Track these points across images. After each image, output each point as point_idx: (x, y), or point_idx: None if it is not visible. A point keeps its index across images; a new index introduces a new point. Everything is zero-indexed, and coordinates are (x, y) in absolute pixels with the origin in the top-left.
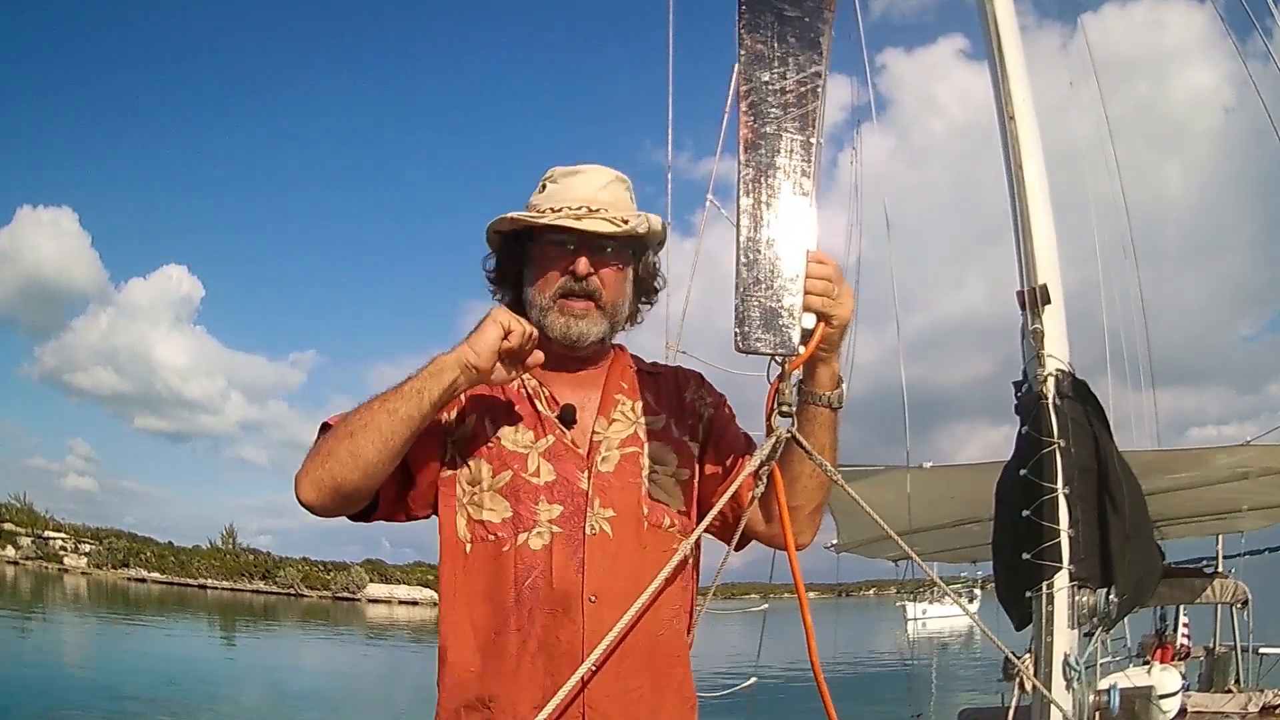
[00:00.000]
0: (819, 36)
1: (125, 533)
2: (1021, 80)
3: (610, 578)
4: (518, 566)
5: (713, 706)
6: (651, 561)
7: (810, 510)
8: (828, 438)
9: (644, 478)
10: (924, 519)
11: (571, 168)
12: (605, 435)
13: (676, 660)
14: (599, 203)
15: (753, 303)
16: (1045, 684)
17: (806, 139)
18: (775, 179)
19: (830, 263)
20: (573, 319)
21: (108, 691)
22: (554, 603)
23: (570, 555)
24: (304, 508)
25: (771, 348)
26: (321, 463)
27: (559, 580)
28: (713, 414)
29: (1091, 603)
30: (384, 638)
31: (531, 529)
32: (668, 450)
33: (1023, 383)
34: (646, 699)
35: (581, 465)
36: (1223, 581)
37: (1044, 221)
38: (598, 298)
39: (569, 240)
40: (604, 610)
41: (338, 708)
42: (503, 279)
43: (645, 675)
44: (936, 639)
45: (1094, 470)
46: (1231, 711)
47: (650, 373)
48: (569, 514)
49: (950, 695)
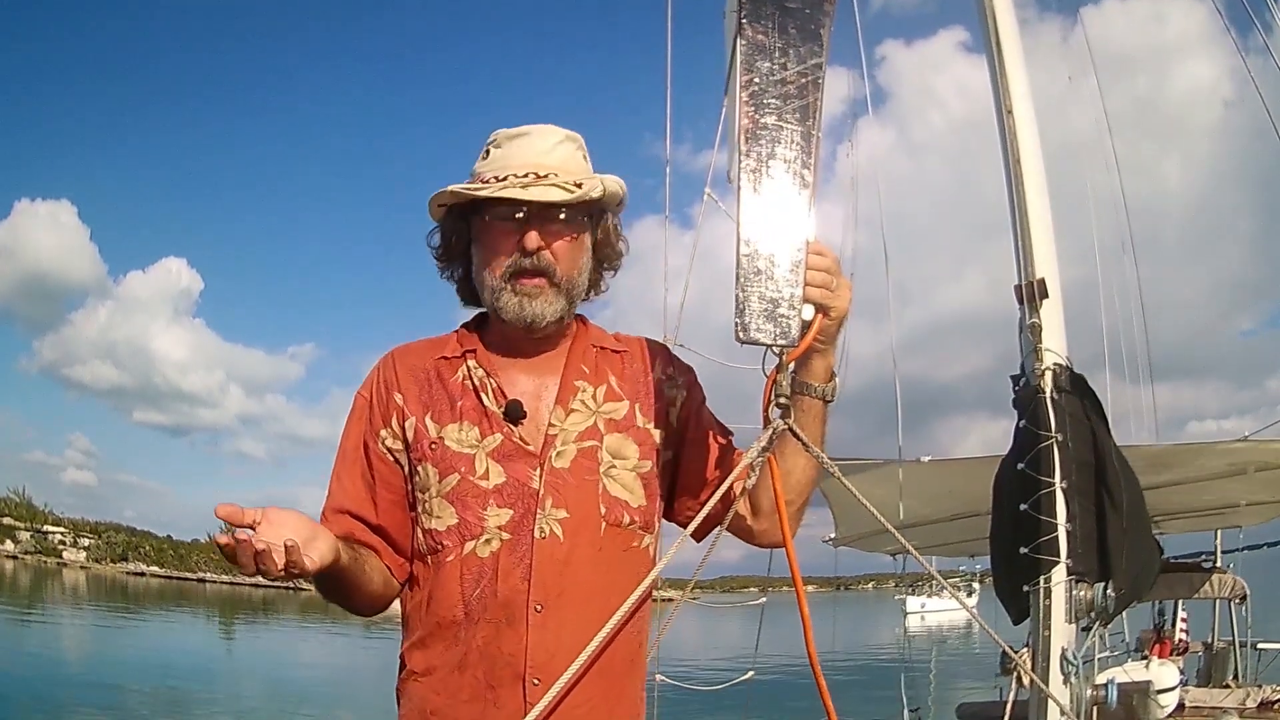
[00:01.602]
0: (820, 28)
1: (124, 527)
2: (1020, 74)
3: (559, 584)
4: (464, 577)
5: (711, 700)
6: (607, 563)
7: (798, 506)
8: (818, 430)
9: (601, 474)
10: (922, 513)
11: (516, 130)
12: (562, 428)
13: (630, 668)
14: (547, 167)
15: (753, 293)
16: (1043, 678)
17: (807, 130)
18: (775, 169)
19: (829, 254)
20: (526, 299)
21: (107, 686)
22: (498, 612)
23: (516, 562)
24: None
25: (772, 338)
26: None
27: (504, 589)
28: (685, 397)
29: (1089, 597)
30: (382, 631)
31: (479, 536)
32: (629, 442)
33: (1020, 377)
34: (597, 712)
35: (533, 463)
36: (1221, 576)
37: (1042, 216)
38: (551, 273)
39: (516, 211)
40: (550, 619)
41: (336, 701)
42: (449, 255)
43: (595, 688)
44: (935, 633)
45: (1092, 465)
46: (1230, 707)
47: (615, 350)
48: (518, 518)
49: (949, 689)
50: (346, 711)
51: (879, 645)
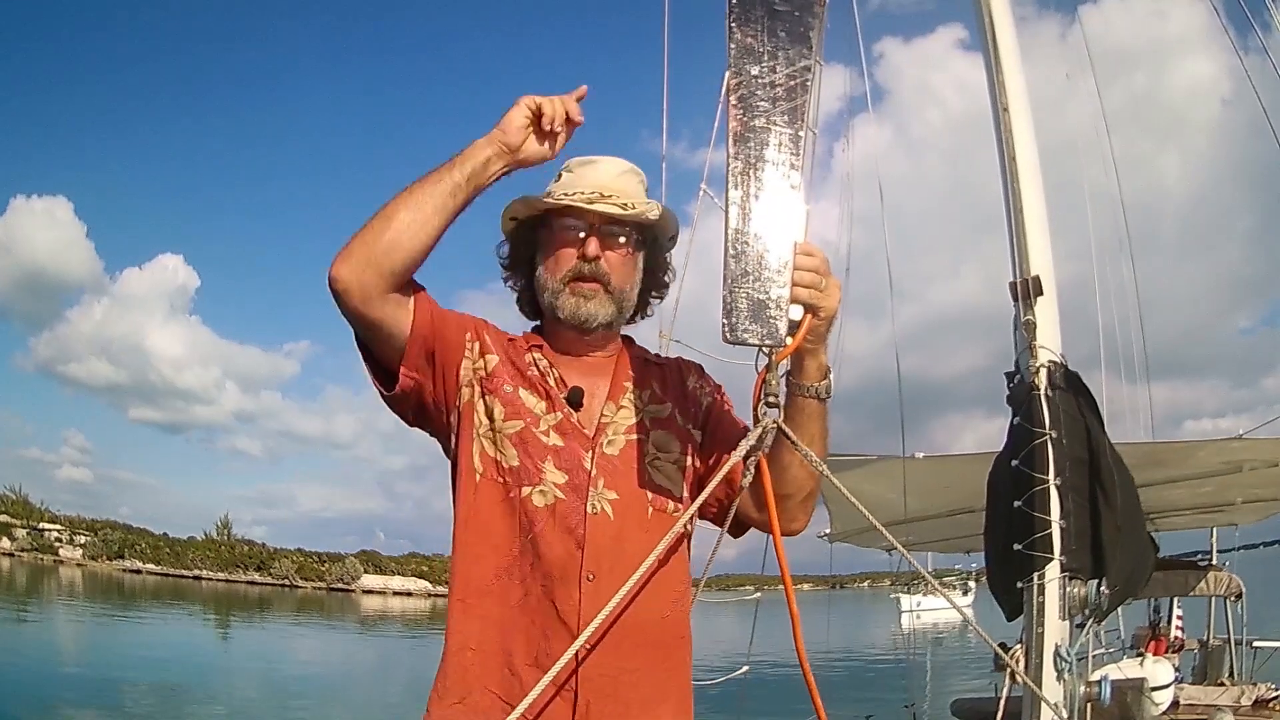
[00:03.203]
0: (809, 31)
1: (120, 524)
2: (1016, 72)
3: (611, 559)
4: (522, 516)
5: (706, 695)
6: (655, 545)
7: (801, 499)
8: (817, 428)
9: (648, 464)
10: (918, 509)
11: (587, 158)
12: (613, 419)
13: (679, 643)
14: (611, 190)
15: (740, 294)
16: (1036, 674)
17: (795, 132)
18: (764, 172)
19: (818, 254)
20: (582, 299)
21: (103, 682)
22: (552, 566)
23: (571, 530)
24: (333, 292)
25: (759, 339)
26: (356, 236)
27: (559, 549)
28: (711, 402)
29: (1083, 594)
30: (378, 629)
31: (536, 484)
32: (672, 438)
33: (1015, 374)
34: (643, 680)
35: (586, 445)
36: (1216, 574)
37: (1037, 213)
38: (606, 281)
39: (580, 224)
40: (602, 589)
41: (332, 699)
42: (516, 265)
43: (642, 656)
44: (931, 631)
45: (1086, 461)
46: (1224, 705)
47: (656, 363)
48: (573, 485)
49: (944, 686)
50: (340, 708)
51: (874, 643)
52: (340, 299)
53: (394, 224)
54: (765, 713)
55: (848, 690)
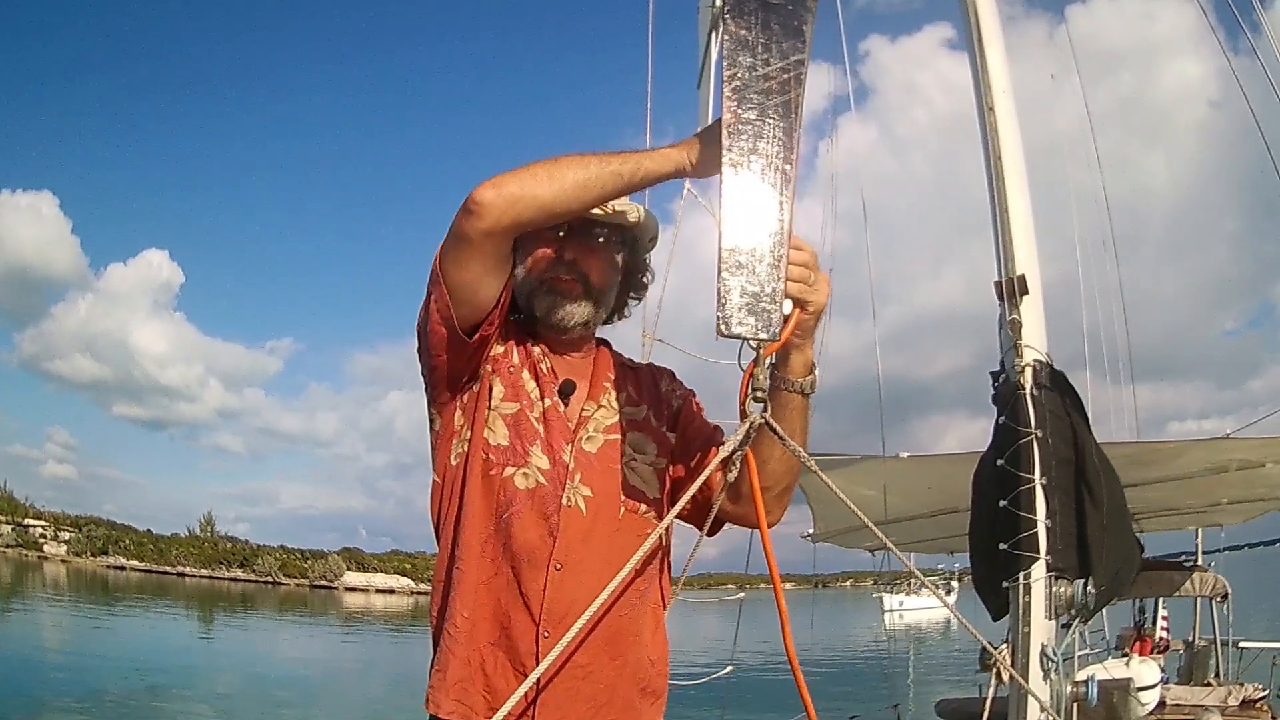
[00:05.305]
0: (803, 24)
1: (104, 520)
2: (1002, 71)
3: (580, 553)
4: (500, 495)
5: (689, 694)
6: (624, 545)
7: (778, 492)
8: (799, 423)
9: (624, 465)
10: (901, 509)
11: None
12: (593, 416)
13: (635, 641)
14: None
15: (735, 287)
16: (1022, 674)
17: (788, 125)
18: (757, 164)
19: (807, 249)
20: (559, 298)
21: (86, 679)
22: (522, 548)
23: (546, 516)
24: (467, 209)
25: (753, 332)
26: (515, 173)
27: (531, 533)
28: (682, 404)
29: (1069, 593)
30: (360, 626)
31: (520, 466)
32: (648, 441)
33: (1000, 373)
34: (597, 675)
35: (567, 438)
36: (1202, 575)
37: (1022, 212)
38: (585, 282)
39: (559, 225)
40: (568, 579)
41: (314, 696)
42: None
43: (597, 652)
44: (914, 630)
45: (1072, 461)
46: (1211, 705)
47: (631, 367)
48: (552, 473)
49: (928, 686)
50: (324, 705)
51: (857, 642)
52: (470, 217)
53: (556, 180)
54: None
55: (831, 689)
